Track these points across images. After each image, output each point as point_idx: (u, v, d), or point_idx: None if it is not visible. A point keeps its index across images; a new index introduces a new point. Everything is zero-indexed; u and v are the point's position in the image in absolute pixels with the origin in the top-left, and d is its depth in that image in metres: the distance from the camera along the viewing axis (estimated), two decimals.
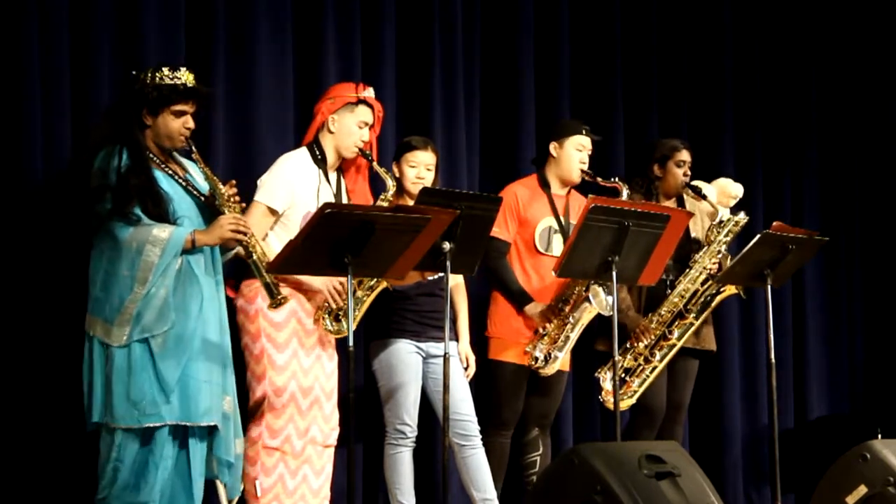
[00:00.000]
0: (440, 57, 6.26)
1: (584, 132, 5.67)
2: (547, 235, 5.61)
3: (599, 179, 5.67)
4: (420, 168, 5.34)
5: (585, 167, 5.66)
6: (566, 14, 6.76)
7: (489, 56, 6.52)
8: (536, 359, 5.52)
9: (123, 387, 4.40)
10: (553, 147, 5.67)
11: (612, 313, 5.29)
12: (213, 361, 4.53)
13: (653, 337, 5.74)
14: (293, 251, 4.35)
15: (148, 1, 5.33)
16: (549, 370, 5.55)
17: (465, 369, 5.40)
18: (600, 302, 5.39)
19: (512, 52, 6.56)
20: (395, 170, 5.36)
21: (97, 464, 4.51)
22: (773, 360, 5.49)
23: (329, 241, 4.32)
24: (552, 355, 5.52)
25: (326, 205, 4.29)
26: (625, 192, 5.59)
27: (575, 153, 5.65)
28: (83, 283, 4.57)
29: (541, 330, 5.52)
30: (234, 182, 4.64)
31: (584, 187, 5.84)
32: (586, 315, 5.50)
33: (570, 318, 5.51)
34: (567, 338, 5.52)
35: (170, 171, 4.58)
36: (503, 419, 5.58)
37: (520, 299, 5.55)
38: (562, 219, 5.64)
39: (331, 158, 5.17)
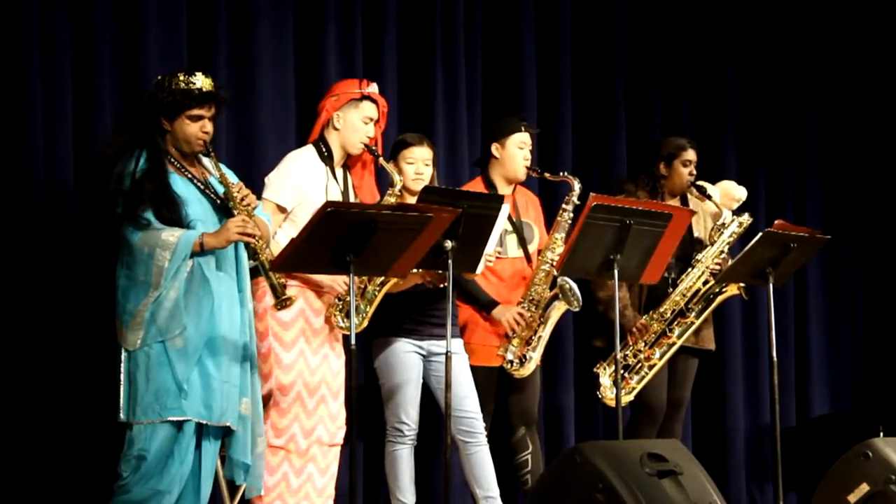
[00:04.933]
0: (442, 56, 6.26)
1: (522, 129, 5.63)
2: (501, 237, 5.58)
3: (547, 175, 5.66)
4: (418, 164, 5.33)
5: (528, 163, 5.65)
6: (568, 13, 6.75)
7: (491, 55, 6.52)
8: (511, 362, 5.50)
9: (145, 384, 4.45)
10: (495, 148, 5.63)
11: (579, 308, 5.29)
12: (231, 362, 4.55)
13: (652, 336, 5.74)
14: (295, 249, 4.35)
15: (149, 2, 5.34)
16: (525, 371, 5.52)
17: None
18: (569, 298, 5.38)
19: (514, 50, 6.56)
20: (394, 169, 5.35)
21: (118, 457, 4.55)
22: (775, 359, 5.48)
23: (331, 240, 4.32)
24: (527, 356, 5.50)
25: (328, 203, 4.29)
26: (576, 185, 5.55)
27: (518, 151, 5.61)
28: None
29: (510, 332, 5.50)
30: (241, 184, 4.66)
31: (528, 182, 5.82)
32: (556, 312, 5.49)
33: (540, 318, 5.50)
34: (540, 337, 5.50)
35: (189, 175, 4.60)
36: None
37: (486, 306, 5.52)
38: (513, 218, 5.61)
39: (337, 155, 5.17)
